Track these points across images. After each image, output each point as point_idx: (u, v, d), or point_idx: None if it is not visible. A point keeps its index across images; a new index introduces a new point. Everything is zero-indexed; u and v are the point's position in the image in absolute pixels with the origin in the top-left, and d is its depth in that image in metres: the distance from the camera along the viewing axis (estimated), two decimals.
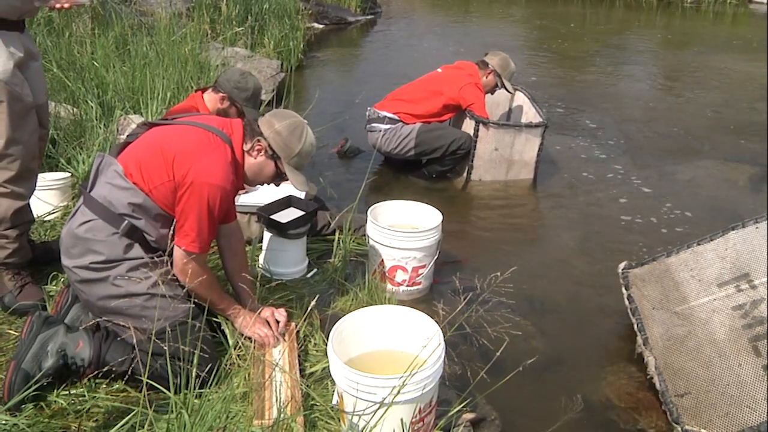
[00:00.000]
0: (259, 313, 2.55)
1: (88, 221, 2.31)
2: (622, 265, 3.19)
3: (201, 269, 2.38)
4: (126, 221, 2.31)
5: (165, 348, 2.04)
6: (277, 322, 2.59)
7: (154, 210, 2.34)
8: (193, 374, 1.99)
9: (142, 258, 2.32)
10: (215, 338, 2.54)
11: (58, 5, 2.58)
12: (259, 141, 2.47)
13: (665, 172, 5.35)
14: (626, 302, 3.04)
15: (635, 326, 2.92)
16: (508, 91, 5.26)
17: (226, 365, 2.39)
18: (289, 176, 2.52)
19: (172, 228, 2.27)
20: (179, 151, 2.31)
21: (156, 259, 2.26)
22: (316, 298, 2.33)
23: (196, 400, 2.05)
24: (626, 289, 3.08)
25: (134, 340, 2.23)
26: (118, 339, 2.37)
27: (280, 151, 2.48)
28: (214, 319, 2.53)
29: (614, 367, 2.99)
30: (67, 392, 2.32)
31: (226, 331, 2.52)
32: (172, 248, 2.31)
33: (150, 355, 1.98)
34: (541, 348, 3.07)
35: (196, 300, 2.34)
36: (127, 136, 2.51)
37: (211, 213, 2.31)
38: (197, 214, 2.30)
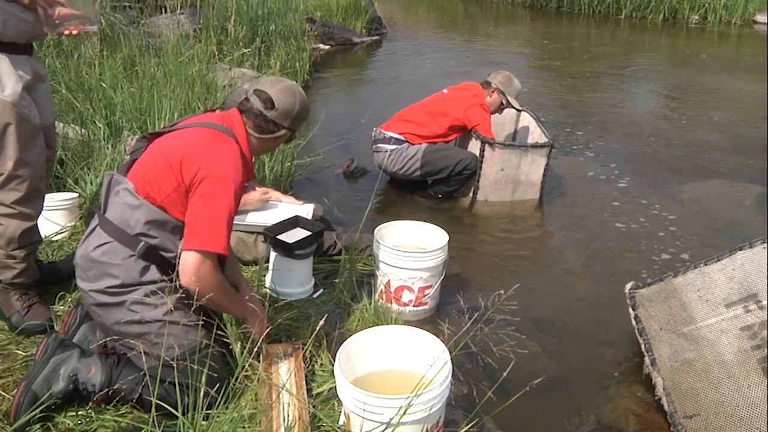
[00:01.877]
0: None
1: (104, 244, 2.28)
2: (629, 286, 3.19)
3: (216, 273, 2.28)
4: (142, 243, 2.27)
5: (176, 376, 2.04)
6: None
7: (170, 223, 2.30)
8: (201, 395, 2.00)
9: (157, 282, 2.29)
10: (224, 357, 2.54)
11: (66, 31, 2.61)
12: (281, 130, 2.53)
13: (671, 192, 5.35)
14: (633, 323, 3.04)
15: (642, 347, 2.92)
16: (515, 109, 5.28)
17: (234, 385, 2.40)
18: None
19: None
20: (185, 153, 2.27)
21: (171, 283, 2.24)
22: (324, 318, 2.33)
23: (203, 422, 2.05)
24: (633, 310, 3.07)
25: (146, 366, 2.22)
26: (130, 364, 2.36)
27: (284, 120, 2.52)
28: (224, 338, 2.52)
29: (622, 388, 2.98)
30: (75, 413, 2.33)
31: (235, 350, 2.53)
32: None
33: (158, 380, 1.98)
34: (547, 368, 3.06)
35: (209, 308, 2.31)
36: (131, 154, 2.50)
37: (227, 207, 2.23)
38: (212, 209, 2.22)
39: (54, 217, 3.65)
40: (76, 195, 3.86)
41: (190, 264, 2.21)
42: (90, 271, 2.30)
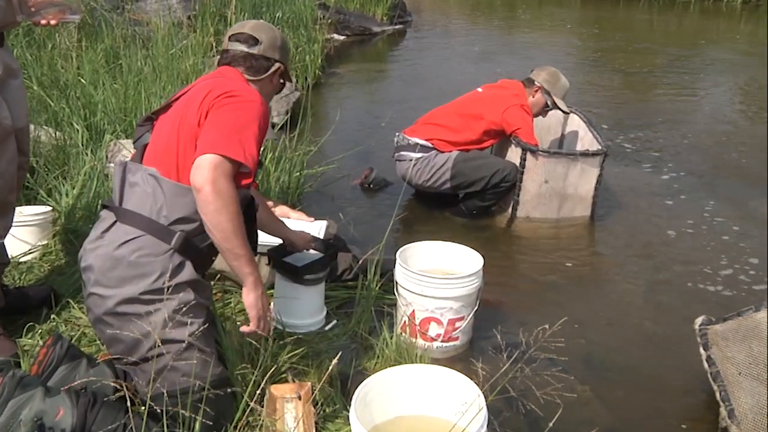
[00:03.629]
0: None
1: (133, 239, 2.28)
2: (699, 321, 3.16)
3: (233, 187, 2.23)
4: (178, 233, 2.29)
5: (190, 415, 2.02)
6: None
7: None
8: None
9: (189, 293, 2.31)
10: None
11: (44, 21, 2.63)
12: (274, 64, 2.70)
13: (748, 209, 5.32)
14: (705, 365, 3.00)
15: (717, 395, 2.88)
16: (562, 111, 5.29)
17: None
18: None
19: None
20: (200, 105, 2.37)
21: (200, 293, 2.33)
22: (337, 356, 2.34)
23: None
24: (705, 350, 3.04)
25: (128, 402, 2.21)
26: (108, 405, 2.29)
27: (272, 52, 2.69)
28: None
29: None
30: None
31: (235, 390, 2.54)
32: None
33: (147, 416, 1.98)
34: (600, 417, 3.04)
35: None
36: (136, 141, 2.55)
37: (253, 122, 2.32)
38: (234, 118, 2.30)
39: (22, 235, 3.66)
40: (49, 209, 3.88)
41: (206, 162, 2.19)
42: (114, 272, 2.26)
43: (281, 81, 2.79)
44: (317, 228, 3.68)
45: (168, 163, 2.34)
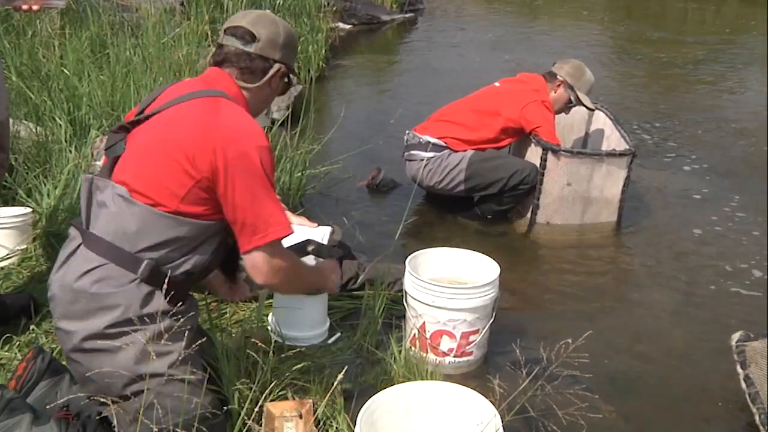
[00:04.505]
0: None
1: (95, 268, 2.23)
2: (736, 337, 3.15)
3: (289, 256, 2.47)
4: (145, 261, 2.23)
5: None
6: None
7: (187, 226, 2.29)
8: None
9: (161, 314, 2.25)
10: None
11: (25, 6, 2.63)
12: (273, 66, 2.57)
13: None
14: (743, 385, 2.99)
15: (757, 418, 2.87)
16: (586, 108, 5.28)
17: None
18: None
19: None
20: (191, 142, 2.24)
21: (179, 308, 2.29)
22: (343, 371, 2.35)
23: None
24: (742, 368, 3.02)
25: None
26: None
27: (272, 51, 2.55)
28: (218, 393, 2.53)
29: None
30: None
31: (231, 408, 2.54)
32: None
33: None
34: None
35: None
36: (107, 150, 2.46)
37: (266, 181, 2.31)
38: (254, 194, 2.28)
39: (0, 238, 3.69)
40: (29, 210, 3.90)
41: (260, 263, 2.33)
42: (76, 305, 2.23)
43: (286, 81, 2.66)
44: (320, 234, 3.67)
45: (142, 184, 2.27)
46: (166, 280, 2.23)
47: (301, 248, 3.41)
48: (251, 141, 2.27)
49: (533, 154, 5.00)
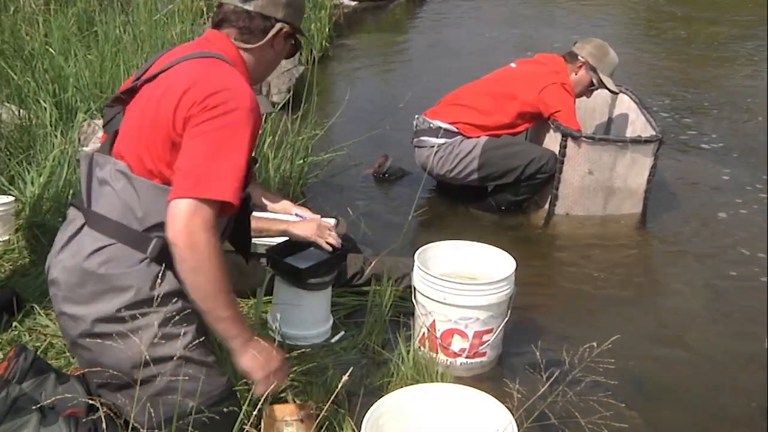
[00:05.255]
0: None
1: (102, 248, 2.22)
2: None
3: (215, 234, 2.15)
4: (154, 239, 2.22)
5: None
6: None
7: None
8: None
9: (177, 302, 2.24)
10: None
11: None
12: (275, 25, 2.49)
13: None
14: None
15: None
16: (609, 91, 5.26)
17: None
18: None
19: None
20: (181, 100, 2.19)
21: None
22: (349, 372, 2.34)
23: None
24: None
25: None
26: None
27: (273, 10, 2.49)
28: None
29: None
30: None
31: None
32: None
33: None
34: None
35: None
36: (105, 125, 2.47)
37: (239, 139, 2.17)
38: (214, 142, 2.15)
39: None
40: (12, 199, 3.92)
41: (180, 211, 2.10)
42: (83, 288, 2.23)
43: (293, 43, 2.60)
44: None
45: (139, 159, 2.25)
46: None
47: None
48: (237, 97, 2.20)
49: (552, 141, 4.99)
